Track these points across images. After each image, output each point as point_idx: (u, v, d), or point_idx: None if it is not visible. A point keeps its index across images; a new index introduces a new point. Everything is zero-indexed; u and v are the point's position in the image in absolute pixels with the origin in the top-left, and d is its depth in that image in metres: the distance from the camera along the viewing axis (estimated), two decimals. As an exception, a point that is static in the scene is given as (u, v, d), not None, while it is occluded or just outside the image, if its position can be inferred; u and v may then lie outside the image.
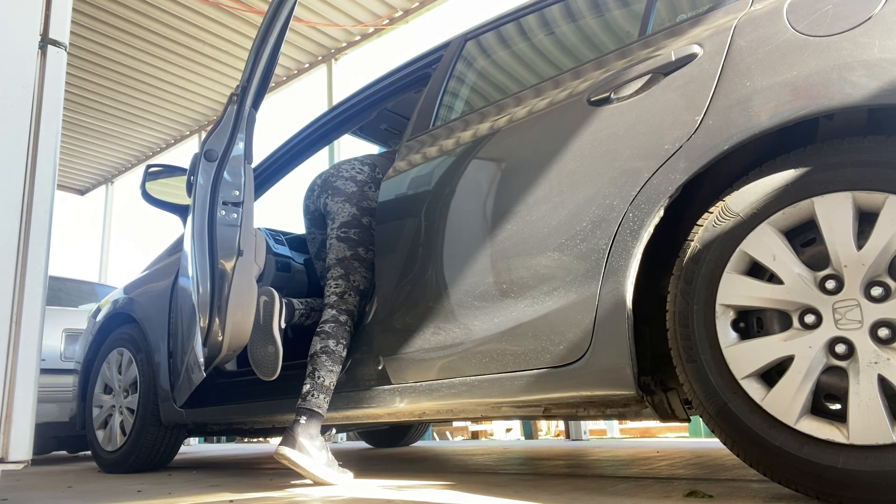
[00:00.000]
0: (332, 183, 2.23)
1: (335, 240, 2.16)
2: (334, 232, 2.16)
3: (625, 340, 1.39)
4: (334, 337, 2.02)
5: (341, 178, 2.24)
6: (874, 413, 1.08)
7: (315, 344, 2.01)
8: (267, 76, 2.18)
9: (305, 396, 1.95)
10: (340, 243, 2.15)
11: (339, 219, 2.17)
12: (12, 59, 1.69)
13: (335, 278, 2.13)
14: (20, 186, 1.66)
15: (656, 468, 2.08)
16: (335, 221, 2.17)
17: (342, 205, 2.18)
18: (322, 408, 1.94)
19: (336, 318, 2.05)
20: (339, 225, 2.16)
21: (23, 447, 1.57)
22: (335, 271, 2.14)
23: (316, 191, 2.28)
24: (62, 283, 5.14)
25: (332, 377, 1.98)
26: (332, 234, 2.17)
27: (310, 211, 2.34)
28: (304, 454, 1.86)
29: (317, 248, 2.42)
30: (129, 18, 5.68)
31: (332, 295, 2.11)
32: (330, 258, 2.16)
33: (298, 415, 1.92)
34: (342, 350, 2.02)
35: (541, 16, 2.03)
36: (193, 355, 2.09)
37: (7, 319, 1.59)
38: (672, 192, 1.36)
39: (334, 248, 2.16)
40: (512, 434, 6.26)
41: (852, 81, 1.17)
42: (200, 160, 2.10)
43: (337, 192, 2.21)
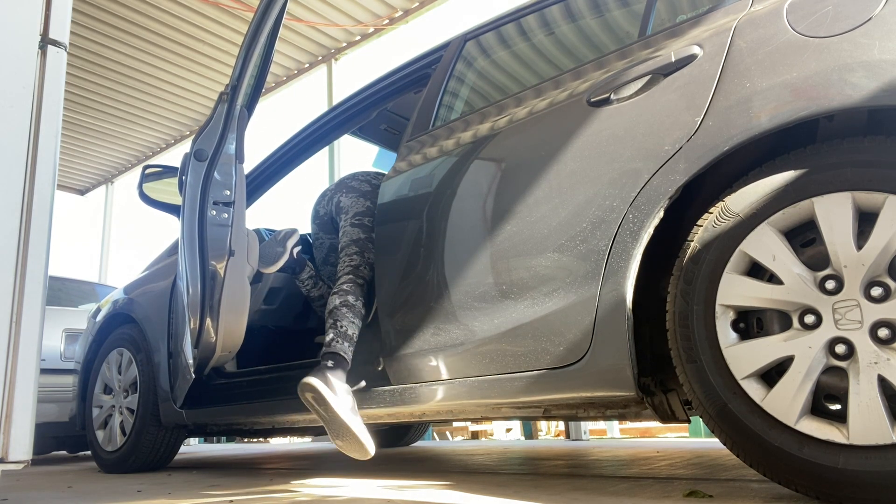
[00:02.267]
0: (348, 183, 2.30)
1: (349, 226, 2.19)
2: (348, 221, 2.20)
3: (625, 341, 1.39)
4: (353, 293, 2.02)
5: (357, 180, 2.31)
6: (874, 413, 1.08)
7: (333, 300, 2.00)
8: (262, 75, 2.17)
9: (331, 343, 1.91)
10: (355, 228, 2.18)
11: (354, 209, 2.21)
12: (12, 59, 1.69)
13: (350, 255, 2.14)
14: (20, 186, 1.66)
15: (656, 468, 2.08)
16: (349, 213, 2.20)
17: (357, 199, 2.23)
18: (348, 355, 1.90)
19: (353, 280, 2.06)
20: (353, 214, 2.20)
21: (23, 447, 1.57)
22: (350, 248, 2.16)
23: (328, 194, 2.33)
24: (62, 283, 5.14)
25: (355, 329, 1.96)
26: (346, 223, 2.20)
27: (319, 216, 2.36)
28: (331, 391, 1.77)
29: (325, 254, 2.43)
30: (129, 18, 5.68)
31: (348, 266, 2.12)
32: (343, 241, 2.18)
33: (325, 359, 1.87)
34: (361, 306, 2.01)
35: (541, 16, 2.03)
36: (184, 356, 2.09)
37: (7, 319, 1.59)
38: (672, 192, 1.36)
39: (348, 232, 2.18)
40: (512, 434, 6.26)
41: (852, 82, 1.17)
42: (190, 160, 2.09)
43: (352, 189, 2.27)
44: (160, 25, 5.81)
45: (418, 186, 1.93)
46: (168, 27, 5.84)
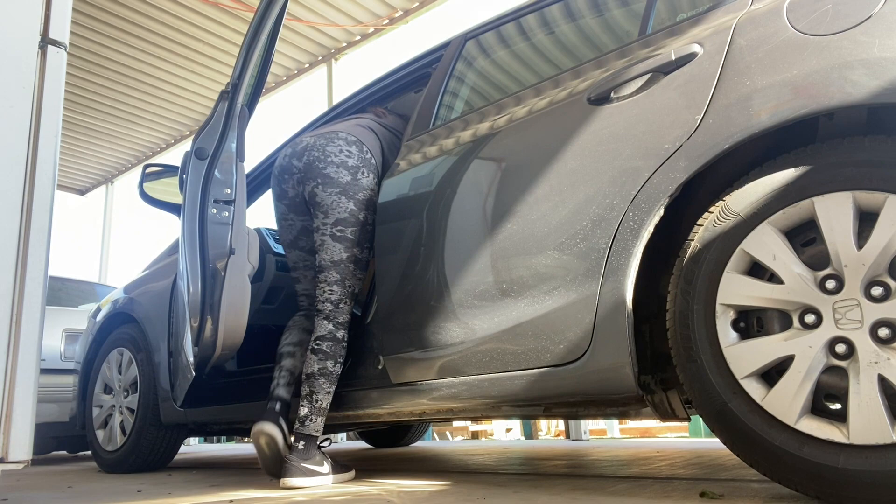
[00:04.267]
0: (322, 170, 2.01)
1: (329, 238, 2.00)
2: (328, 229, 2.00)
3: (625, 340, 1.39)
4: (332, 357, 1.95)
5: (331, 165, 2.01)
6: (874, 413, 1.08)
7: (312, 363, 1.94)
8: (262, 74, 2.17)
9: (304, 421, 1.92)
10: (336, 243, 2.00)
11: (335, 214, 2.00)
12: (12, 59, 1.69)
13: (329, 283, 2.02)
14: (20, 186, 1.66)
15: (656, 468, 2.07)
16: (328, 216, 2.00)
17: (337, 198, 2.00)
18: (319, 430, 1.94)
19: (333, 336, 1.98)
20: (334, 221, 2.00)
21: (23, 447, 1.57)
22: (329, 275, 2.02)
23: (297, 175, 2.06)
24: (62, 283, 5.14)
25: (329, 398, 1.96)
26: (326, 230, 2.01)
27: (287, 196, 2.10)
28: (312, 476, 1.88)
29: (294, 235, 2.17)
30: (129, 18, 5.68)
31: (327, 303, 2.01)
32: (323, 258, 2.02)
33: (297, 440, 1.91)
34: (339, 369, 1.98)
35: (541, 15, 2.03)
36: (185, 355, 2.09)
37: (7, 319, 1.59)
38: (672, 191, 1.36)
39: (328, 247, 2.01)
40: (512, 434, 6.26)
41: (852, 80, 1.17)
42: (191, 158, 2.09)
43: (329, 181, 2.00)
44: (160, 25, 5.81)
45: (418, 185, 1.93)
46: (168, 27, 5.84)
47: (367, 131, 2.17)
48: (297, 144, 2.08)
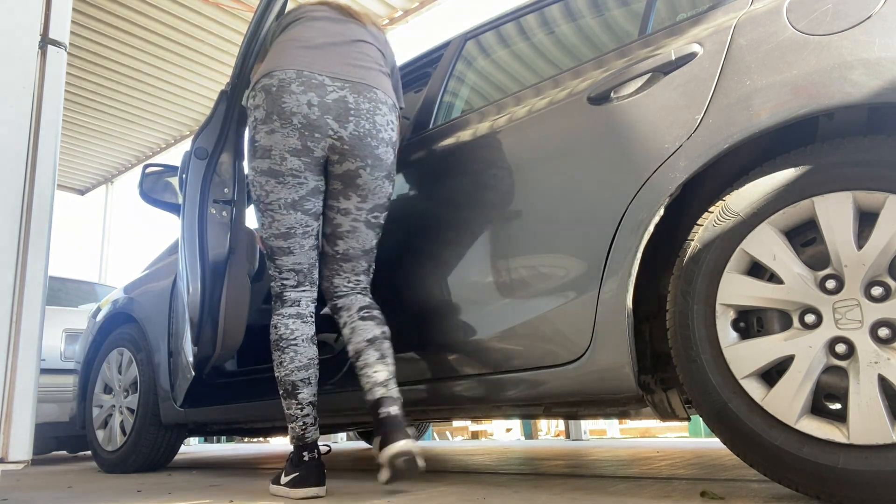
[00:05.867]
0: (374, 150, 1.68)
1: (363, 224, 1.76)
2: (363, 214, 1.75)
3: (625, 339, 1.39)
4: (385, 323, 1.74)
5: (382, 144, 1.70)
6: (874, 413, 1.08)
7: (372, 328, 1.69)
8: None
9: (388, 384, 1.62)
10: (369, 230, 1.78)
11: (374, 199, 1.74)
12: (12, 59, 1.69)
13: (358, 273, 1.80)
14: (20, 186, 1.66)
15: (656, 468, 2.07)
16: (366, 200, 1.73)
17: (381, 182, 1.73)
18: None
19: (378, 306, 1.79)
20: (371, 207, 1.75)
21: (23, 447, 1.57)
22: (358, 264, 1.80)
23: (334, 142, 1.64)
24: (62, 283, 5.14)
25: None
26: (360, 215, 1.74)
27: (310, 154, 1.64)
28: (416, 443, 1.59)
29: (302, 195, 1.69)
30: (129, 18, 5.68)
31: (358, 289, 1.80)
32: (352, 246, 1.77)
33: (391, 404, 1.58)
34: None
35: (541, 15, 2.03)
36: (184, 355, 2.09)
37: (7, 319, 1.59)
38: (672, 190, 1.36)
39: (361, 234, 1.77)
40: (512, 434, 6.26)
41: (852, 80, 1.17)
42: (191, 158, 2.09)
43: (379, 165, 1.70)
44: (160, 25, 5.81)
45: (418, 185, 1.93)
46: (168, 27, 5.84)
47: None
48: (324, 91, 1.61)
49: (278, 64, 1.63)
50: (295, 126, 1.61)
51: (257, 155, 1.66)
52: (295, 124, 1.61)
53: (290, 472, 1.67)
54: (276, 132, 1.62)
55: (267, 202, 1.69)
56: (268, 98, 1.62)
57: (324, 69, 1.63)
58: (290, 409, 1.68)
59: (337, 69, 1.65)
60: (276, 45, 1.74)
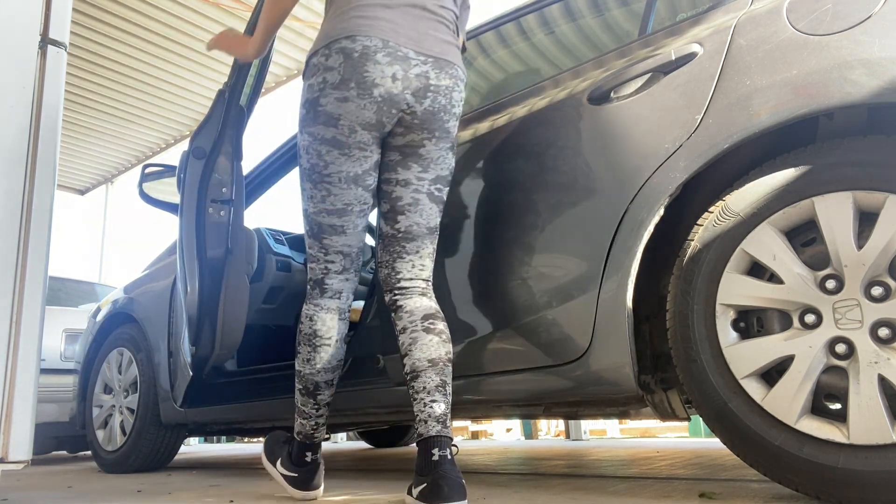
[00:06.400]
0: (445, 123, 1.54)
1: (426, 197, 1.56)
2: (425, 185, 1.56)
3: (625, 339, 1.39)
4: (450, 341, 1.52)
5: (454, 118, 1.56)
6: (874, 413, 1.08)
7: (437, 346, 1.47)
8: (261, 74, 2.16)
9: (445, 420, 1.42)
10: (433, 204, 1.57)
11: (436, 170, 1.57)
12: (12, 59, 1.70)
13: (423, 257, 1.58)
14: (20, 186, 1.66)
15: (656, 468, 2.07)
16: (428, 170, 1.56)
17: (445, 153, 1.57)
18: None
19: (443, 316, 1.58)
20: (434, 178, 1.57)
21: (23, 447, 1.57)
22: (423, 245, 1.58)
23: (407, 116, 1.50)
24: (62, 283, 5.14)
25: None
26: (422, 186, 1.55)
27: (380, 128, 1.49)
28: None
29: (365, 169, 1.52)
30: (129, 18, 5.68)
31: (420, 281, 1.58)
32: (416, 222, 1.56)
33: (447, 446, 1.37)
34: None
35: (540, 15, 2.03)
36: (183, 355, 2.09)
37: (7, 319, 1.59)
38: (672, 190, 1.36)
39: (424, 208, 1.56)
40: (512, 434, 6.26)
41: (852, 80, 1.17)
42: (189, 158, 2.09)
43: (446, 136, 1.55)
44: (160, 25, 5.81)
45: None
46: (168, 27, 5.84)
47: None
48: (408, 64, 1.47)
49: (361, 28, 1.45)
50: (374, 99, 1.45)
51: (319, 121, 1.48)
52: (375, 97, 1.45)
53: (291, 469, 1.63)
54: (350, 101, 1.45)
55: (325, 174, 1.50)
56: (347, 63, 1.44)
57: (409, 42, 1.48)
58: (305, 406, 1.59)
59: (422, 43, 1.49)
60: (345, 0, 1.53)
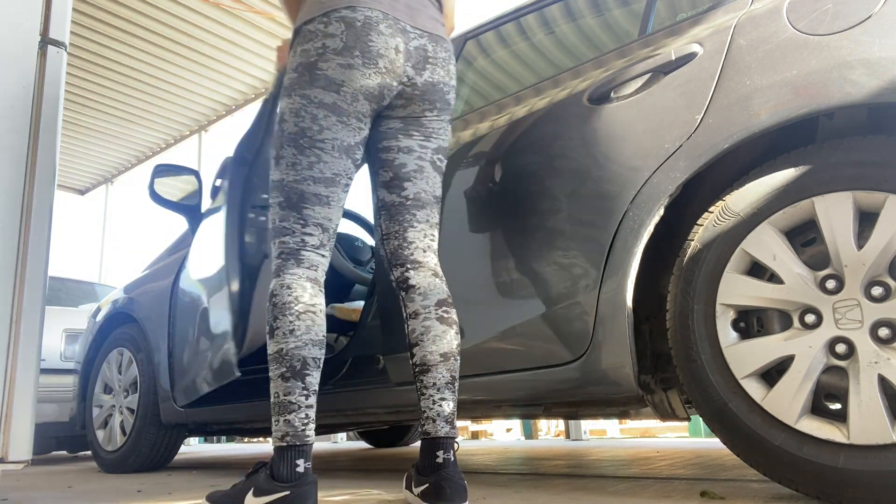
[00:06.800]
0: (445, 95, 1.52)
1: (430, 165, 1.51)
2: (429, 154, 1.51)
3: (625, 339, 1.39)
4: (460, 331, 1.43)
5: (452, 90, 1.55)
6: (874, 413, 1.08)
7: (450, 338, 1.42)
8: None
9: (453, 419, 1.38)
10: (436, 174, 1.53)
11: (437, 140, 1.53)
12: (12, 59, 1.70)
13: (432, 226, 1.52)
14: (20, 186, 1.66)
15: (656, 468, 2.07)
16: (430, 139, 1.52)
17: (444, 125, 1.55)
18: None
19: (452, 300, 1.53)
20: (436, 147, 1.53)
21: (23, 447, 1.57)
22: (432, 213, 1.52)
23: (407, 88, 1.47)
24: (62, 283, 5.14)
25: None
26: (426, 154, 1.51)
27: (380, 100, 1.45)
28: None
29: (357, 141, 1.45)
30: (129, 18, 5.68)
31: (432, 253, 1.51)
32: (423, 189, 1.51)
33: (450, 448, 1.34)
34: None
35: (541, 15, 2.03)
36: (222, 354, 2.09)
37: (7, 319, 1.59)
38: (672, 191, 1.36)
39: (429, 176, 1.51)
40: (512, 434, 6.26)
41: (852, 80, 1.17)
42: (231, 164, 2.14)
43: (446, 108, 1.54)
44: (160, 25, 5.81)
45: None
46: (168, 27, 5.85)
47: None
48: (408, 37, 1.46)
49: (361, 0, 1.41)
50: (379, 69, 1.41)
51: (318, 84, 1.39)
52: (380, 67, 1.41)
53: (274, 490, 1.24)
54: (355, 69, 1.38)
55: (318, 139, 1.40)
56: (350, 31, 1.38)
57: (405, 16, 1.46)
58: (290, 395, 1.29)
59: (416, 18, 1.48)
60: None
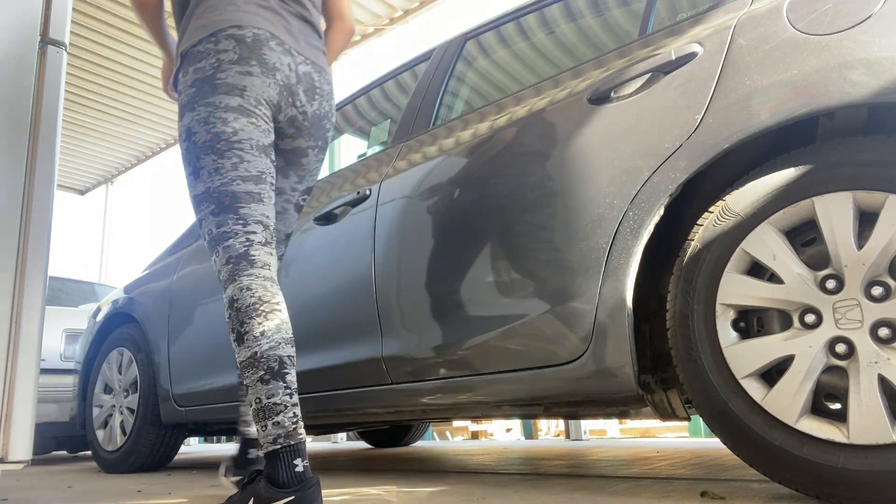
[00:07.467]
0: (326, 132, 1.60)
1: (293, 207, 1.66)
2: (297, 196, 1.64)
3: (625, 339, 1.39)
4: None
5: (332, 128, 1.66)
6: (874, 413, 1.08)
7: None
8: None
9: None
10: (296, 214, 1.68)
11: (309, 181, 1.65)
12: (12, 59, 1.69)
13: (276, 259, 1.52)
14: (20, 186, 1.66)
15: (656, 468, 2.07)
16: (303, 181, 1.63)
17: (319, 165, 1.66)
18: None
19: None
20: (305, 189, 1.65)
21: (23, 447, 1.57)
22: (279, 248, 1.69)
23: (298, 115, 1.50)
24: (62, 283, 5.14)
25: None
26: (294, 197, 1.64)
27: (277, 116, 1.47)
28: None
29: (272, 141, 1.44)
30: (129, 18, 5.68)
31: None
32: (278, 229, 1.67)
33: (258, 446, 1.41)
34: None
35: (541, 15, 2.03)
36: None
37: (7, 319, 1.59)
38: (672, 190, 1.36)
39: (289, 217, 1.66)
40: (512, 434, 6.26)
41: (852, 80, 1.17)
42: None
43: (325, 146, 1.62)
44: (160, 25, 5.80)
45: (418, 185, 1.92)
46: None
47: None
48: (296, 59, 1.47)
49: (246, 19, 1.40)
50: (276, 81, 1.41)
51: (220, 91, 1.36)
52: (277, 79, 1.41)
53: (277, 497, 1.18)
54: (254, 76, 1.38)
55: (235, 140, 1.36)
56: (241, 45, 1.38)
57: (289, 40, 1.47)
58: (274, 397, 1.23)
59: (300, 44, 1.49)
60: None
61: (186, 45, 1.42)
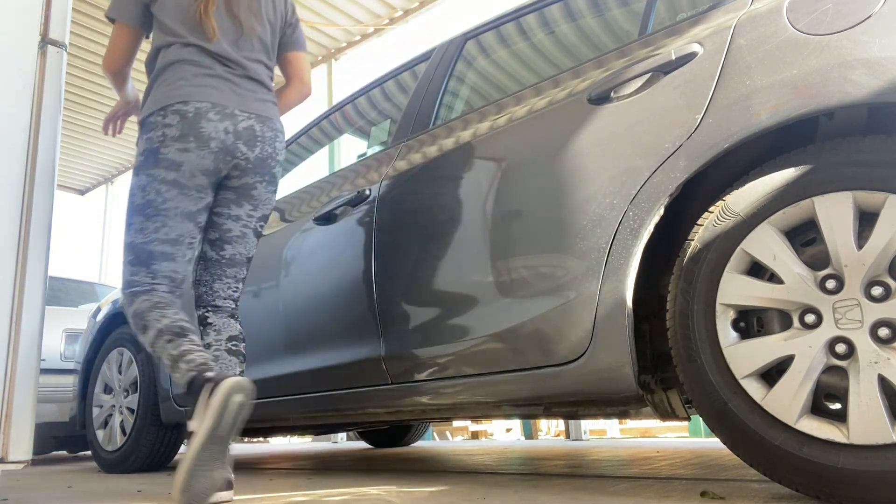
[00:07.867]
0: (272, 168, 1.84)
1: (252, 232, 1.86)
2: (253, 222, 1.85)
3: (625, 339, 1.39)
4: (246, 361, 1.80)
5: (279, 164, 1.87)
6: (874, 413, 1.08)
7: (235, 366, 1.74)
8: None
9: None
10: (255, 238, 1.87)
11: (263, 209, 1.86)
12: (12, 59, 1.69)
13: (238, 280, 1.86)
14: (20, 186, 1.66)
15: (656, 468, 2.07)
16: (257, 209, 1.84)
17: (271, 195, 1.88)
18: None
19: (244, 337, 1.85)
20: (261, 216, 1.86)
21: (23, 447, 1.57)
22: (241, 271, 1.86)
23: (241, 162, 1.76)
24: (62, 283, 5.14)
25: None
26: (251, 223, 1.84)
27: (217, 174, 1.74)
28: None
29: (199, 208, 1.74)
30: (128, 18, 5.67)
31: (232, 301, 1.85)
32: (239, 252, 1.84)
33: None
34: None
35: (541, 15, 2.03)
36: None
37: (7, 319, 1.59)
38: (672, 190, 1.36)
39: (248, 241, 1.85)
40: (512, 434, 6.26)
41: (852, 80, 1.17)
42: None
43: (273, 180, 1.86)
44: (160, 25, 5.79)
45: (418, 185, 1.92)
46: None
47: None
48: (236, 119, 1.73)
49: (192, 94, 1.69)
50: (212, 150, 1.70)
51: (161, 165, 1.67)
52: (212, 148, 1.70)
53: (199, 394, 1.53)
54: (190, 151, 1.68)
55: (163, 208, 1.68)
56: (184, 121, 1.67)
57: (233, 103, 1.75)
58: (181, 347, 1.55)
59: (244, 103, 1.77)
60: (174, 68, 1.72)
61: (144, 114, 1.73)
